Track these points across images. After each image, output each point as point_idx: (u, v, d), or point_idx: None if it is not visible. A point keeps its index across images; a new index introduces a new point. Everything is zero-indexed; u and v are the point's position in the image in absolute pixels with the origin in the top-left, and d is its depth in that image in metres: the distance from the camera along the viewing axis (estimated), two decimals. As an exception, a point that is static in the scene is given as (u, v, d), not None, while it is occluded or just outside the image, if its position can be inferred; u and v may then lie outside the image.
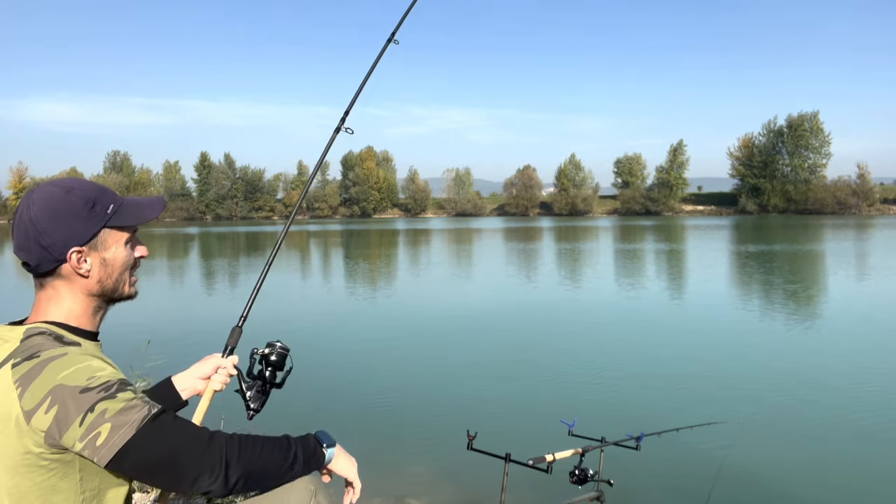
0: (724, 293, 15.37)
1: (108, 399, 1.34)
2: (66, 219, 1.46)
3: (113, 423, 1.32)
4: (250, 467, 1.42)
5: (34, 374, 1.34)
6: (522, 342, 10.06)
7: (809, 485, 4.97)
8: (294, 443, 1.55)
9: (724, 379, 7.71)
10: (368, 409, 6.92)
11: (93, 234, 1.49)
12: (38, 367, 1.35)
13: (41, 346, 1.39)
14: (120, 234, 1.54)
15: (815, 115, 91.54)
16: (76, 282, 1.50)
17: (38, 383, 1.33)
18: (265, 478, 1.46)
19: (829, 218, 69.62)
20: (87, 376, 1.35)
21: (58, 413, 1.31)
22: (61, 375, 1.34)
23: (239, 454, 1.41)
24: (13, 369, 1.36)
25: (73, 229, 1.46)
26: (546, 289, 16.50)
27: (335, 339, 10.69)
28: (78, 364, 1.37)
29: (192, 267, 25.87)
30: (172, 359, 7.15)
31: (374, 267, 23.99)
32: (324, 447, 1.62)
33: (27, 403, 1.33)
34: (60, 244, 1.45)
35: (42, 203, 1.45)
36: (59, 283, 1.50)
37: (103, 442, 1.32)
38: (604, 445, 2.98)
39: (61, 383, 1.33)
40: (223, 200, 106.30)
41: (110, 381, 1.37)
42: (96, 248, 1.50)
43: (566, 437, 2.97)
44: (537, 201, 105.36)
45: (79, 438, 1.32)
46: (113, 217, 1.52)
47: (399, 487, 4.94)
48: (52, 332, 1.45)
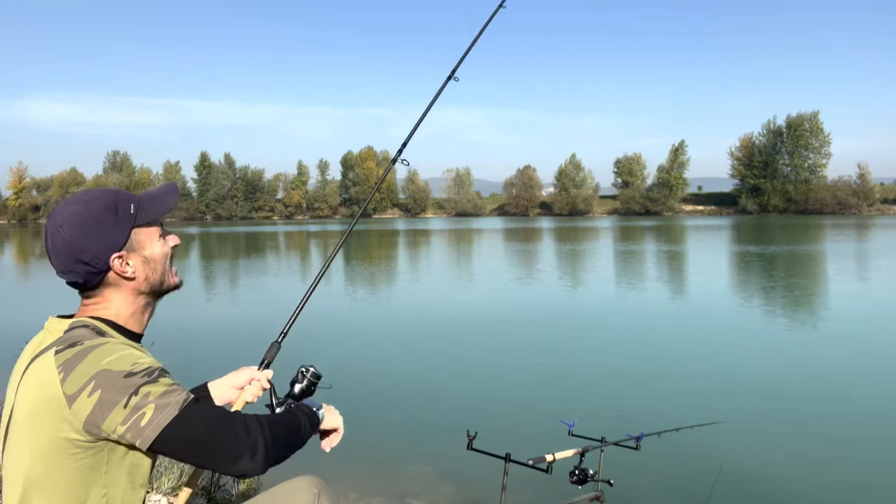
0: (724, 294, 15.37)
1: (152, 383, 1.39)
2: (98, 230, 1.50)
3: (157, 403, 1.37)
4: (279, 444, 1.49)
5: (77, 360, 1.38)
6: (522, 342, 10.06)
7: (810, 484, 4.97)
8: (299, 414, 1.65)
9: (724, 379, 7.72)
10: (369, 409, 6.92)
11: (126, 237, 1.53)
12: (81, 353, 1.39)
13: (83, 336, 1.44)
14: (150, 229, 1.59)
15: (815, 115, 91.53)
16: (124, 286, 1.55)
17: (82, 368, 1.37)
18: (289, 450, 1.55)
19: (829, 218, 69.62)
20: (131, 362, 1.40)
21: (101, 397, 1.35)
22: (105, 361, 1.38)
23: (271, 434, 1.47)
24: (56, 355, 1.40)
25: (107, 238, 1.50)
26: (546, 289, 16.50)
27: (335, 340, 10.69)
28: (121, 352, 1.42)
29: (192, 267, 25.87)
30: (177, 361, 7.14)
31: (373, 267, 23.99)
32: (315, 410, 1.72)
33: (70, 388, 1.36)
34: (102, 255, 1.49)
35: (70, 223, 1.49)
36: (107, 292, 1.54)
37: (148, 422, 1.36)
38: (604, 445, 2.98)
39: (106, 368, 1.37)
40: (223, 200, 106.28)
41: (152, 367, 1.42)
42: (134, 249, 1.55)
43: (566, 437, 2.97)
44: (537, 201, 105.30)
45: (122, 421, 1.35)
46: (138, 216, 1.56)
47: (399, 487, 4.94)
48: (96, 326, 1.49)
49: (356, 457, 5.57)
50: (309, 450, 1.58)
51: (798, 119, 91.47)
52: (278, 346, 1.96)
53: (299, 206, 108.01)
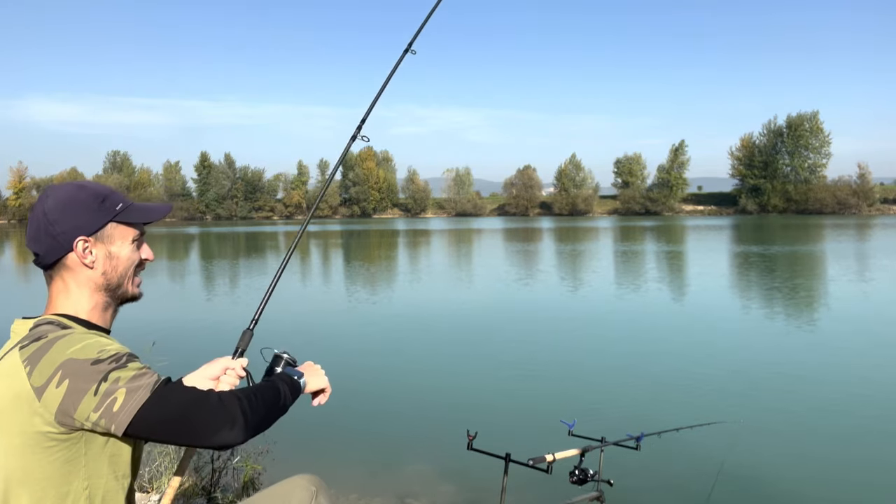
0: (724, 294, 15.37)
1: (120, 368, 1.38)
2: (76, 210, 1.52)
3: (128, 387, 1.36)
4: (259, 414, 1.48)
5: (42, 352, 1.38)
6: (522, 342, 10.06)
7: (810, 484, 4.97)
8: (278, 382, 1.63)
9: (724, 379, 7.71)
10: (369, 409, 6.92)
11: (100, 226, 1.55)
12: (46, 345, 1.39)
13: (47, 331, 1.44)
14: (127, 230, 1.60)
15: (815, 115, 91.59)
16: (82, 273, 1.54)
17: (47, 360, 1.37)
18: (269, 420, 1.53)
19: (829, 218, 69.61)
20: (97, 350, 1.40)
21: (70, 386, 1.34)
22: (70, 350, 1.38)
23: (249, 404, 1.46)
24: (20, 350, 1.40)
25: (81, 220, 1.52)
26: (546, 289, 16.50)
27: (335, 340, 10.69)
28: (86, 340, 1.41)
29: (193, 267, 25.86)
30: (177, 360, 7.14)
31: (374, 268, 23.99)
32: (296, 378, 1.70)
33: (37, 380, 1.35)
34: (69, 233, 1.51)
35: (56, 197, 1.53)
36: (66, 275, 1.55)
37: (120, 407, 1.35)
38: (604, 445, 2.98)
39: (72, 357, 1.36)
40: (223, 200, 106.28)
41: (119, 352, 1.42)
42: (102, 241, 1.56)
43: (566, 437, 2.97)
44: (537, 201, 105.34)
45: (94, 408, 1.34)
46: (121, 213, 1.58)
47: (399, 487, 4.94)
48: (60, 322, 1.49)
49: (356, 457, 5.58)
50: (309, 449, 1.58)
51: (798, 119, 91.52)
52: (251, 333, 1.96)
53: (299, 206, 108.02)
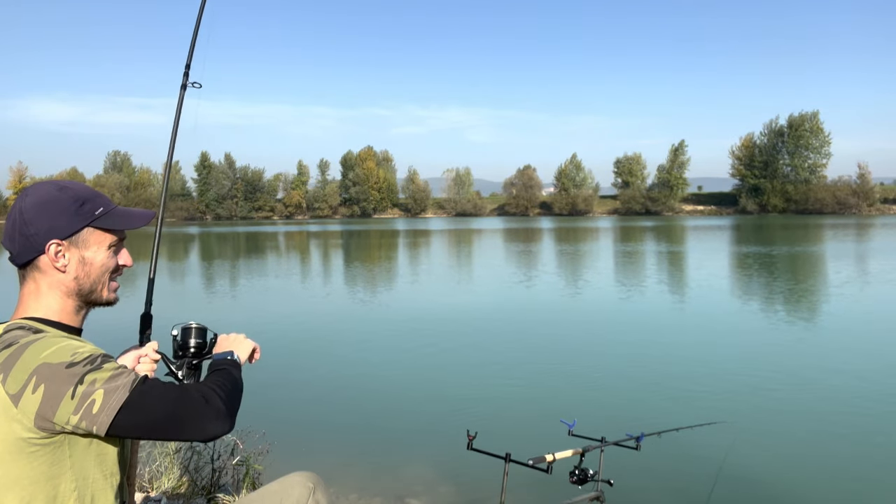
0: (725, 294, 15.36)
1: (96, 370, 1.36)
2: (53, 212, 1.49)
3: (105, 388, 1.35)
4: (233, 399, 1.52)
5: (15, 358, 1.36)
6: (522, 342, 10.06)
7: (810, 484, 4.97)
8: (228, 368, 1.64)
9: (724, 379, 7.71)
10: (369, 409, 6.92)
11: (75, 230, 1.51)
12: (18, 351, 1.37)
13: (18, 336, 1.41)
14: (104, 236, 1.56)
15: (815, 115, 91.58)
16: (53, 276, 1.51)
17: (21, 366, 1.35)
18: (239, 401, 1.56)
19: (829, 218, 69.60)
20: (71, 352, 1.37)
21: (46, 390, 1.32)
22: (43, 355, 1.36)
23: (226, 395, 1.49)
24: None
25: (56, 222, 1.49)
26: (546, 289, 16.49)
27: (336, 340, 10.69)
28: (58, 344, 1.39)
29: (192, 267, 25.87)
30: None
31: (374, 268, 23.99)
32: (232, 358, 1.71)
33: (12, 387, 1.34)
34: (42, 235, 1.48)
35: (34, 197, 1.50)
36: (38, 277, 1.52)
37: (100, 408, 1.33)
38: (604, 445, 2.97)
39: (45, 362, 1.35)
40: (223, 200, 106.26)
41: (93, 354, 1.40)
42: (76, 245, 1.52)
43: (566, 437, 2.97)
44: (537, 201, 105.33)
45: (73, 411, 1.33)
46: (99, 219, 1.54)
47: (399, 487, 4.94)
48: (31, 326, 1.46)
49: (356, 457, 5.57)
50: (309, 449, 1.58)
51: (798, 119, 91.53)
52: (149, 316, 1.94)
53: (299, 206, 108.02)
